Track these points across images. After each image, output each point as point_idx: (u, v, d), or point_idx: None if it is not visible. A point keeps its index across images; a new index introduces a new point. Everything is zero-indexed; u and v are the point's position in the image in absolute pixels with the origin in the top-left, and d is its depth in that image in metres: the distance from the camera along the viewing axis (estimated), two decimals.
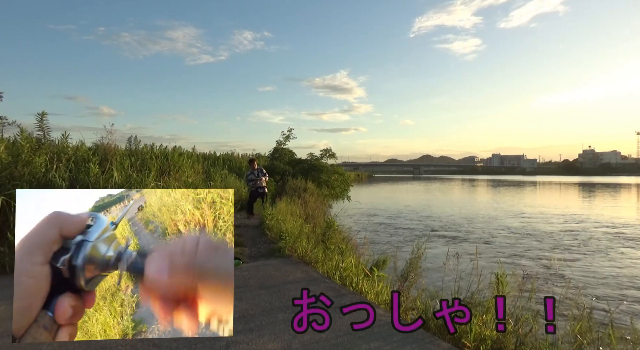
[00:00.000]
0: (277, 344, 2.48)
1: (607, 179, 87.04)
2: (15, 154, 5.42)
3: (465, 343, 2.67)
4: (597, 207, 22.39)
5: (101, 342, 2.41)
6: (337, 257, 4.90)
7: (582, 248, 10.55)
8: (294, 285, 3.80)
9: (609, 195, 33.00)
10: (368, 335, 2.62)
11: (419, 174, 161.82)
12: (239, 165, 17.54)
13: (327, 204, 15.15)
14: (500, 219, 16.55)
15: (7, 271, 4.16)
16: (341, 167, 22.12)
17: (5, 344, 2.44)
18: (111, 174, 6.45)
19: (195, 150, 15.22)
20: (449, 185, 55.21)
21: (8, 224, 4.61)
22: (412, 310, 3.50)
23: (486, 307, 2.95)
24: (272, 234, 6.39)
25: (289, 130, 19.20)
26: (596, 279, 7.48)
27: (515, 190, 40.44)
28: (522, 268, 7.59)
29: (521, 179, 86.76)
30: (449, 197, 31.96)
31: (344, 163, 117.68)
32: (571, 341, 2.55)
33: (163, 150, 11.05)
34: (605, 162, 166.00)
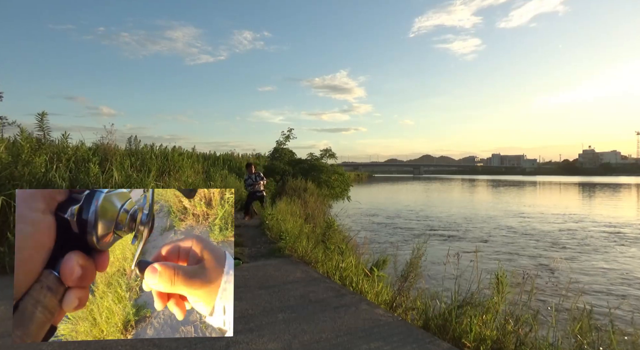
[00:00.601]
0: (277, 344, 2.48)
1: (607, 179, 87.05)
2: (16, 154, 5.42)
3: (465, 343, 2.67)
4: (597, 207, 22.38)
5: (101, 342, 2.40)
6: (337, 257, 4.90)
7: (582, 248, 10.55)
8: (294, 285, 3.80)
9: (609, 195, 32.99)
10: (368, 335, 2.62)
11: (419, 174, 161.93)
12: (239, 165, 17.53)
13: (327, 204, 15.15)
14: (500, 218, 16.54)
15: (7, 271, 4.16)
16: (341, 167, 22.14)
17: (5, 344, 2.44)
18: (111, 174, 6.45)
19: (195, 150, 15.23)
20: (449, 185, 55.21)
21: (8, 224, 4.61)
22: (412, 310, 3.51)
23: (486, 307, 2.95)
24: (272, 234, 6.39)
25: (289, 130, 19.24)
26: (596, 279, 7.47)
27: (516, 190, 40.43)
28: (523, 268, 7.59)
29: (521, 179, 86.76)
30: (449, 197, 31.95)
31: (344, 163, 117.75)
32: (571, 341, 2.55)
33: (163, 150, 11.04)
34: (605, 162, 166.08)
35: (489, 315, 2.88)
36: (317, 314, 3.02)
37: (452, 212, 19.35)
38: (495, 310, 2.93)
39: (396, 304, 3.57)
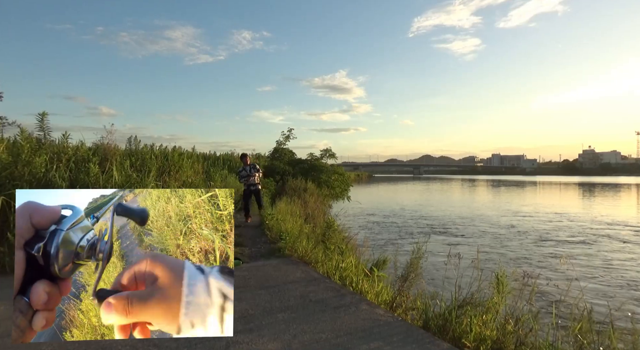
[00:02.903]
0: (277, 344, 2.48)
1: (607, 179, 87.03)
2: (16, 154, 5.41)
3: (465, 343, 2.66)
4: (597, 206, 22.38)
5: (101, 342, 2.40)
6: (337, 257, 4.90)
7: (582, 247, 10.55)
8: (294, 285, 3.80)
9: (609, 195, 32.98)
10: (368, 335, 2.62)
11: (419, 174, 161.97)
12: (239, 165, 17.50)
13: (327, 204, 15.15)
14: (500, 218, 16.54)
15: (7, 271, 4.17)
16: (341, 167, 22.15)
17: (5, 344, 2.44)
18: (111, 174, 6.45)
19: (195, 150, 15.21)
20: (449, 185, 55.20)
21: (8, 224, 4.61)
22: (412, 310, 3.50)
23: (486, 307, 2.95)
24: (272, 234, 6.39)
25: (289, 130, 19.26)
26: (596, 279, 7.47)
27: (516, 190, 40.44)
28: (523, 267, 7.59)
29: (521, 179, 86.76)
30: (449, 197, 31.95)
31: (344, 163, 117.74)
32: (571, 341, 2.55)
33: (163, 150, 11.03)
34: (605, 162, 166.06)
35: (489, 316, 2.88)
36: (317, 314, 3.02)
37: (453, 212, 19.35)
38: (495, 310, 2.93)
39: (396, 304, 3.57)
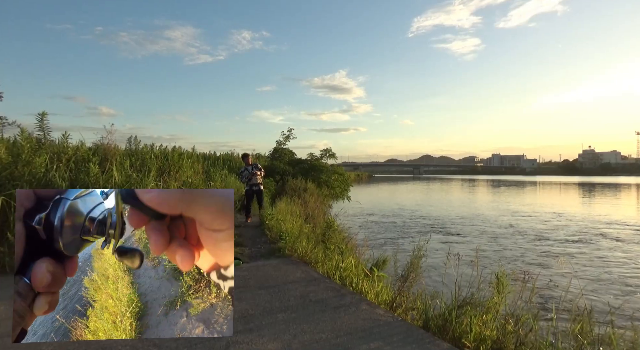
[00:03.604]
0: (277, 344, 2.48)
1: (607, 179, 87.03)
2: (16, 154, 5.41)
3: (465, 343, 2.66)
4: (597, 206, 22.38)
5: (101, 342, 2.40)
6: (337, 257, 4.90)
7: (581, 247, 10.54)
8: (294, 285, 3.80)
9: (609, 195, 32.98)
10: (368, 335, 2.62)
11: (419, 174, 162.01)
12: (239, 165, 17.51)
13: (327, 204, 15.15)
14: (500, 218, 16.54)
15: (7, 271, 4.16)
16: (341, 167, 22.16)
17: (5, 344, 2.44)
18: (111, 174, 6.45)
19: (195, 150, 15.21)
20: (449, 185, 55.20)
21: (8, 224, 4.60)
22: (412, 310, 3.50)
23: (486, 307, 2.95)
24: (272, 234, 6.39)
25: (288, 130, 19.28)
26: (597, 278, 7.47)
27: (516, 190, 40.43)
28: (523, 267, 7.59)
29: (521, 179, 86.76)
30: (449, 197, 31.95)
31: (344, 163, 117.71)
32: (571, 341, 2.55)
33: (163, 150, 11.03)
34: (605, 162, 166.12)
35: (489, 316, 2.88)
36: (317, 314, 3.02)
37: (453, 212, 19.35)
38: (495, 310, 2.93)
39: (396, 304, 3.57)
